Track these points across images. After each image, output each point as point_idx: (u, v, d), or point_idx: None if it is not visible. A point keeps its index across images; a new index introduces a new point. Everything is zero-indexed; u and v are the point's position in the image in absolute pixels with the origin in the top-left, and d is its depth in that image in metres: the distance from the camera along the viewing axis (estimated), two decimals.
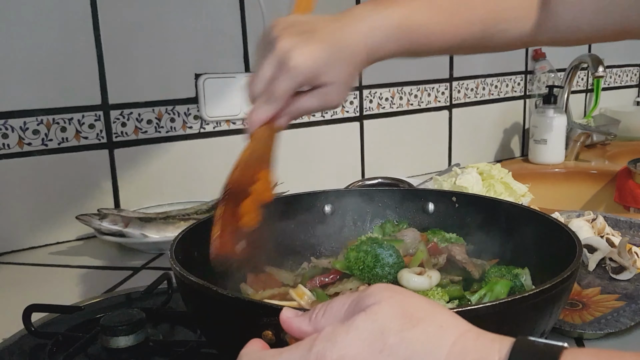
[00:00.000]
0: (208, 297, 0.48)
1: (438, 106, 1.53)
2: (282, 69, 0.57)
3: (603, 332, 0.63)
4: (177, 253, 0.56)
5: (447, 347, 0.33)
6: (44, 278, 0.91)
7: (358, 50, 0.61)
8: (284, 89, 0.58)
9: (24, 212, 1.02)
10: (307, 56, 0.57)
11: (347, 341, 0.33)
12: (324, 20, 0.61)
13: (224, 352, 0.54)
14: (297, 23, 0.61)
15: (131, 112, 1.09)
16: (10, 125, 0.99)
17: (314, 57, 0.58)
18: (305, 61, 0.57)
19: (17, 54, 0.98)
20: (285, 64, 0.57)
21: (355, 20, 0.61)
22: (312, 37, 0.58)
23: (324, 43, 0.59)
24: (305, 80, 0.59)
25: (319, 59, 0.58)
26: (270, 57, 0.58)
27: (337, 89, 0.61)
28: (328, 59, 0.59)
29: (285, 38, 0.58)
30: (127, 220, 0.97)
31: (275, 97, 0.59)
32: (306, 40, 0.58)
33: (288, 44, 0.58)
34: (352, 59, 0.61)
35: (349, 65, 0.61)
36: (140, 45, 1.08)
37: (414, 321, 0.34)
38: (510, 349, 0.32)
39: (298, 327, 0.38)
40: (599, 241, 0.82)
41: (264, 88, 0.59)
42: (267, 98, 0.59)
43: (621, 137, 1.78)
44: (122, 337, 0.60)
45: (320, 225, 0.76)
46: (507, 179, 1.10)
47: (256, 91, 0.60)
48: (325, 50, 0.58)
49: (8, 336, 0.67)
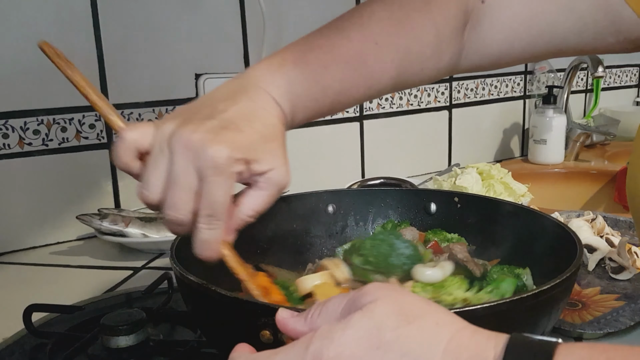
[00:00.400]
0: (207, 297, 0.49)
1: (438, 106, 1.53)
2: (205, 167, 0.45)
3: (602, 332, 0.63)
4: (178, 253, 0.56)
5: (444, 343, 0.33)
6: (44, 278, 0.91)
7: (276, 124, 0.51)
8: (221, 193, 0.45)
9: (24, 212, 1.02)
10: (230, 141, 0.46)
11: (343, 338, 0.33)
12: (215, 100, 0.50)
13: (224, 351, 0.54)
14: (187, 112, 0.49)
15: (131, 112, 1.09)
16: (11, 125, 0.99)
17: (238, 141, 0.46)
18: (229, 147, 0.45)
19: (17, 53, 0.98)
20: (206, 159, 0.44)
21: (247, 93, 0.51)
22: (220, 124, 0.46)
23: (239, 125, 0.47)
24: (243, 170, 0.47)
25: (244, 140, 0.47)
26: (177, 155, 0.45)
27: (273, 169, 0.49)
28: (251, 137, 0.47)
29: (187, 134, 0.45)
30: (127, 220, 0.97)
31: (216, 210, 0.46)
32: (217, 129, 0.46)
33: (196, 137, 0.45)
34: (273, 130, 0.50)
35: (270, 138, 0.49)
36: (140, 45, 1.08)
37: (410, 318, 0.34)
38: (505, 344, 0.32)
39: (293, 327, 0.38)
40: (599, 241, 0.83)
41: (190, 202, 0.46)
42: (207, 221, 0.46)
43: (621, 137, 1.78)
44: (122, 337, 0.60)
45: (323, 225, 0.76)
46: (506, 179, 1.10)
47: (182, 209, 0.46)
48: (244, 130, 0.47)
49: (8, 336, 0.67)
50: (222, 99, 0.50)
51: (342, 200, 0.77)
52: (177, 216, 0.46)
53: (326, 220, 0.76)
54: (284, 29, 1.24)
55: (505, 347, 0.32)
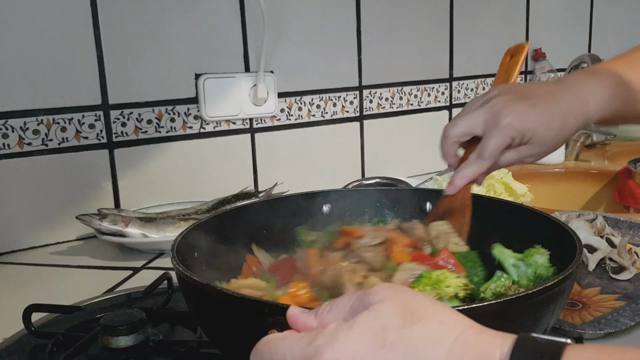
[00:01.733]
0: (212, 297, 0.48)
1: (438, 106, 1.53)
2: (494, 124, 0.62)
3: (603, 332, 0.63)
4: (179, 253, 0.56)
5: (449, 343, 0.33)
6: (44, 278, 0.91)
7: (572, 114, 0.64)
8: (494, 147, 0.62)
9: (24, 212, 1.02)
10: (519, 115, 0.62)
11: (348, 337, 0.34)
12: (541, 85, 0.66)
13: (228, 352, 0.53)
14: (515, 87, 0.66)
15: (131, 112, 1.09)
16: (10, 125, 0.99)
17: (525, 116, 0.62)
18: (516, 120, 0.61)
19: (17, 54, 0.98)
20: (498, 121, 0.62)
21: (571, 89, 0.65)
22: (525, 99, 0.63)
23: (537, 104, 0.63)
24: (514, 139, 0.62)
25: (530, 117, 0.62)
26: (482, 110, 0.64)
27: (540, 148, 0.64)
28: (538, 119, 0.62)
29: (501, 97, 0.63)
30: (127, 220, 0.97)
31: (486, 155, 0.63)
32: (519, 101, 0.62)
33: (502, 102, 0.63)
34: (564, 121, 0.63)
35: (560, 127, 0.63)
36: (140, 45, 1.08)
37: (414, 318, 0.34)
38: (512, 344, 0.32)
39: (304, 322, 0.39)
40: (599, 241, 0.82)
41: (463, 132, 0.65)
42: (477, 156, 0.64)
43: (621, 137, 1.78)
44: (122, 337, 0.60)
45: (319, 225, 0.76)
46: (507, 179, 1.10)
47: (456, 130, 0.65)
48: (537, 110, 0.62)
49: (8, 336, 0.67)
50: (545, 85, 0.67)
51: (337, 200, 0.77)
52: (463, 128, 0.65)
53: (322, 220, 0.76)
54: (284, 29, 1.24)
55: (512, 347, 0.31)
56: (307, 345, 0.35)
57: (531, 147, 0.64)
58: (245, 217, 0.72)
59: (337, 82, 1.34)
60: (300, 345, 0.35)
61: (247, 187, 1.21)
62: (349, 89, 1.36)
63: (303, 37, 1.27)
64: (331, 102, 1.34)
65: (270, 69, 1.23)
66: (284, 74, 1.25)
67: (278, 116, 1.26)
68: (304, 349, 0.35)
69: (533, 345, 0.32)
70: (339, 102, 1.35)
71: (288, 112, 1.28)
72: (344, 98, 1.35)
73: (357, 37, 1.35)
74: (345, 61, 1.34)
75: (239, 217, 0.72)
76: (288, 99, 1.28)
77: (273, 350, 0.36)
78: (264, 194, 1.14)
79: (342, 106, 1.35)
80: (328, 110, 1.33)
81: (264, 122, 1.25)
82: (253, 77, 1.20)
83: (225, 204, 1.06)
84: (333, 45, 1.31)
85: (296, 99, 1.29)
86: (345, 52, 1.33)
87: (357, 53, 1.35)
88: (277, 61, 1.24)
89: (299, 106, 1.29)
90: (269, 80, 1.23)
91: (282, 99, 1.26)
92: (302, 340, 0.35)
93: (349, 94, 1.36)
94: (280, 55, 1.24)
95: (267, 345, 0.37)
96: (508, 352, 0.31)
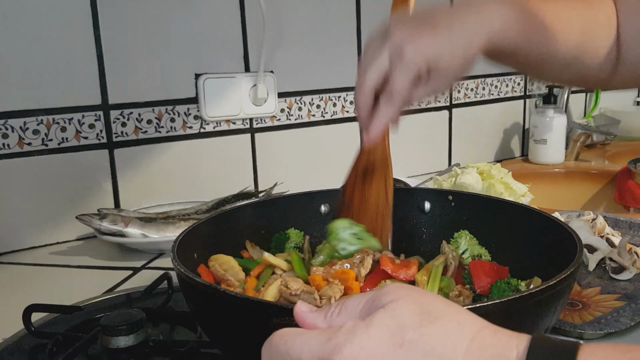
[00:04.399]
0: (215, 298, 0.48)
1: (438, 106, 1.53)
2: (398, 59, 0.57)
3: (603, 332, 0.63)
4: (180, 253, 0.56)
5: (466, 343, 0.33)
6: (44, 278, 0.91)
7: (476, 38, 0.60)
8: (401, 84, 0.58)
9: (24, 212, 1.02)
10: (421, 45, 0.57)
11: (366, 336, 0.34)
12: (442, 11, 0.61)
13: (228, 352, 0.53)
14: (414, 16, 0.61)
15: (131, 112, 1.09)
16: (10, 125, 0.99)
17: (428, 44, 0.58)
18: (419, 50, 0.57)
19: (17, 53, 0.98)
20: (402, 55, 0.57)
21: (474, 9, 0.61)
22: (428, 28, 0.58)
23: (439, 30, 0.58)
24: (421, 69, 0.58)
25: (433, 45, 0.58)
26: (385, 47, 0.58)
27: (448, 74, 0.60)
28: (442, 45, 0.58)
29: (401, 29, 0.58)
30: (127, 220, 0.97)
31: (395, 94, 0.59)
32: (422, 31, 0.58)
33: (403, 34, 0.58)
34: (469, 46, 0.60)
35: (464, 49, 0.60)
36: (140, 45, 1.08)
37: (432, 318, 0.34)
38: (528, 344, 0.32)
39: (312, 321, 0.38)
40: (599, 241, 0.82)
41: (377, 78, 0.59)
42: (387, 98, 0.59)
43: (621, 137, 1.78)
44: (122, 337, 0.60)
45: (317, 225, 0.76)
46: (507, 179, 1.10)
47: (369, 80, 0.59)
48: (440, 37, 0.58)
49: (8, 336, 0.67)
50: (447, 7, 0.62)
51: (335, 200, 0.77)
52: (369, 70, 0.59)
53: (320, 220, 0.76)
54: (284, 29, 1.24)
55: (528, 347, 0.32)
56: (326, 342, 0.34)
57: (438, 75, 0.59)
58: (245, 217, 0.72)
59: (337, 82, 1.34)
60: (318, 341, 0.35)
61: (247, 187, 1.21)
62: (349, 89, 1.35)
63: (303, 37, 1.27)
64: (331, 102, 1.34)
65: (270, 69, 1.23)
66: (284, 74, 1.25)
67: (278, 116, 1.26)
68: (322, 345, 0.34)
69: (548, 345, 0.32)
70: (339, 102, 1.35)
71: (288, 112, 1.28)
72: (344, 98, 1.35)
73: (357, 37, 1.35)
74: (345, 61, 1.33)
75: (238, 217, 0.72)
76: (288, 99, 1.28)
77: (290, 344, 0.36)
78: (264, 194, 1.14)
79: (342, 106, 1.35)
80: (328, 110, 1.33)
81: (264, 122, 1.25)
82: (253, 77, 1.20)
83: (225, 204, 1.06)
84: (333, 45, 1.31)
85: (296, 99, 1.29)
86: (345, 52, 1.33)
87: (357, 53, 1.35)
88: (277, 61, 1.24)
89: (299, 106, 1.29)
90: (269, 80, 1.23)
91: (282, 99, 1.26)
92: (320, 337, 0.35)
93: (349, 94, 1.36)
94: (280, 55, 1.24)
95: (284, 338, 0.36)
96: (524, 352, 0.32)
